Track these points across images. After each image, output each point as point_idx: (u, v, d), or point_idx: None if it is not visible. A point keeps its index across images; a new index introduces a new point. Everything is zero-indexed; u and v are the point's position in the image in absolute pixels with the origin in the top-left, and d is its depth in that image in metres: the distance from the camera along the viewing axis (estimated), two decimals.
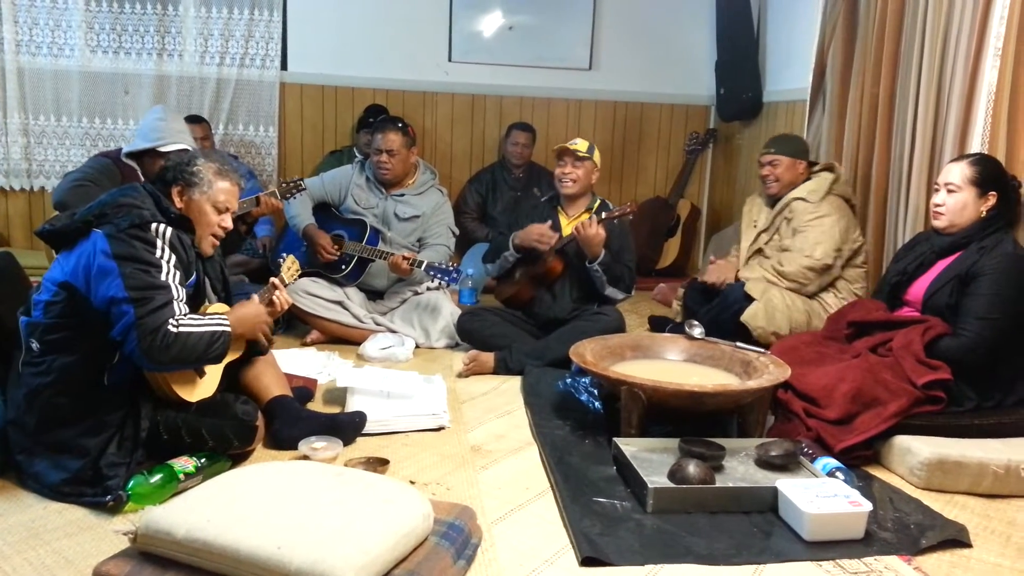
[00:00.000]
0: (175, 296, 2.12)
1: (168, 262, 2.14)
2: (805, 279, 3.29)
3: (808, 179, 3.43)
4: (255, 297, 2.47)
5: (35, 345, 2.12)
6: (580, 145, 3.42)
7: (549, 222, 3.45)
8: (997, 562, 1.95)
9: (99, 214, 2.12)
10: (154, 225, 2.13)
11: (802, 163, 3.45)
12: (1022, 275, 2.52)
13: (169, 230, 2.16)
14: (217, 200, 2.33)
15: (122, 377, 2.14)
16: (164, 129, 3.43)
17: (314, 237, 3.71)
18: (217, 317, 2.23)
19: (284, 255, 2.82)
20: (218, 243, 2.42)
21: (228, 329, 2.21)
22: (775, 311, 3.20)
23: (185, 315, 2.12)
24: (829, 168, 3.45)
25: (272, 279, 2.56)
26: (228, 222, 2.39)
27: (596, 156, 3.47)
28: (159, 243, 2.13)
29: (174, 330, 2.05)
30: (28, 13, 4.58)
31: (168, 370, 2.15)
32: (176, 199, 2.29)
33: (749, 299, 3.25)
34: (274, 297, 2.51)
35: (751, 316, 3.20)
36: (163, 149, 3.14)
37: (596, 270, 3.32)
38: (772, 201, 3.52)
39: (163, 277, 2.10)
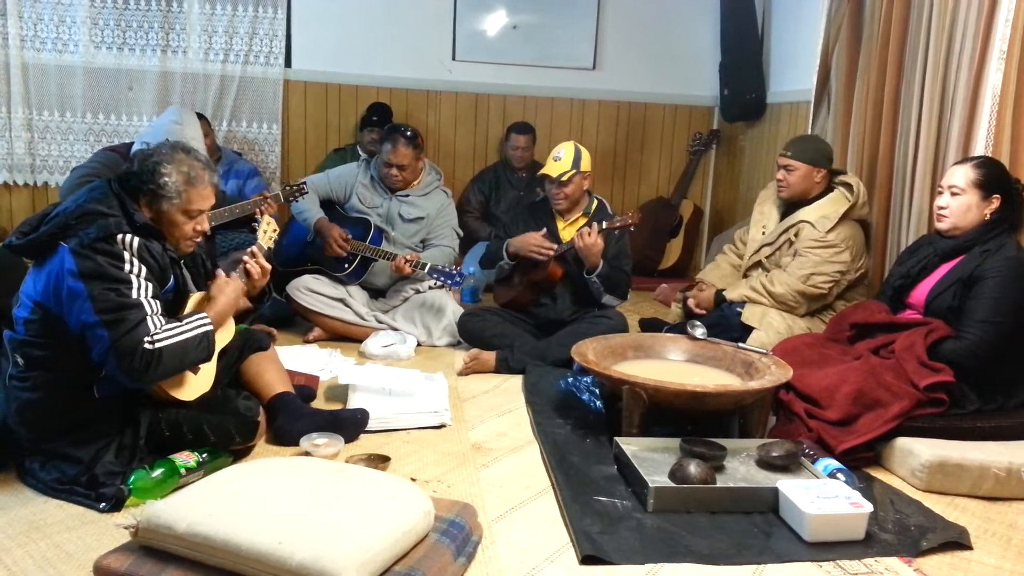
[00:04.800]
0: (149, 312, 2.03)
1: (138, 275, 2.04)
2: (795, 302, 3.20)
3: (823, 194, 3.27)
4: (221, 274, 2.35)
5: (20, 360, 2.08)
6: (563, 164, 3.34)
7: (544, 230, 3.42)
8: (998, 564, 1.95)
9: (64, 225, 2.02)
10: (120, 236, 2.03)
11: (820, 172, 3.26)
12: None
13: (136, 240, 2.05)
14: (190, 208, 2.18)
15: (113, 388, 2.09)
16: (178, 134, 3.43)
17: (326, 230, 3.70)
18: (195, 317, 2.14)
19: (259, 218, 2.69)
20: (195, 244, 2.31)
21: (209, 328, 2.14)
22: (777, 336, 3.12)
23: (160, 327, 2.03)
24: (848, 187, 3.24)
25: (250, 248, 2.45)
26: (204, 224, 2.26)
27: (584, 163, 3.39)
28: (127, 255, 2.03)
29: (151, 347, 1.99)
30: (33, 8, 4.58)
31: (159, 382, 2.10)
32: (144, 211, 2.14)
33: (746, 325, 3.20)
34: (248, 266, 2.39)
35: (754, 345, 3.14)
36: (136, 151, 3.12)
37: (594, 281, 3.32)
38: (783, 208, 3.42)
39: (134, 294, 2.01)
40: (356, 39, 5.02)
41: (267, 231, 2.62)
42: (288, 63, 4.95)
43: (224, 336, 2.37)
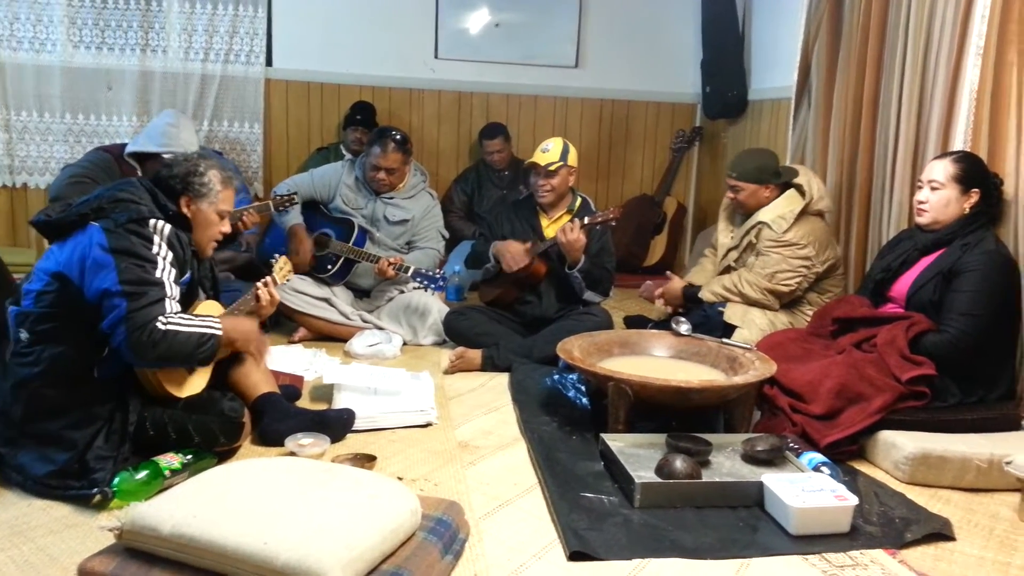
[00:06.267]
0: (168, 293, 2.11)
1: (164, 259, 2.14)
2: (766, 300, 3.21)
3: (779, 195, 3.28)
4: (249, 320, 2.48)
5: (24, 335, 2.10)
6: (551, 155, 3.37)
7: (528, 244, 3.42)
8: (980, 555, 1.97)
9: (96, 208, 2.11)
10: (152, 221, 2.14)
11: (767, 188, 3.27)
12: (1004, 272, 2.55)
13: (168, 227, 2.17)
14: (223, 208, 2.35)
15: (112, 371, 2.13)
16: (173, 136, 3.42)
17: (297, 240, 3.68)
18: (209, 319, 2.20)
19: (276, 256, 2.82)
20: (216, 246, 2.44)
21: (219, 333, 2.19)
22: (760, 333, 3.12)
23: (175, 313, 2.11)
24: (800, 188, 3.24)
25: (265, 278, 2.57)
26: (227, 226, 2.41)
27: (571, 157, 3.42)
28: (156, 239, 2.13)
29: (162, 327, 2.05)
30: (9, 7, 4.52)
31: (155, 367, 2.14)
32: (184, 208, 2.29)
33: (729, 324, 3.19)
34: (259, 292, 2.50)
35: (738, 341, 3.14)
36: (169, 157, 3.12)
37: (576, 276, 3.32)
38: (742, 216, 3.43)
39: (158, 273, 2.10)
40: (338, 38, 5.00)
41: (283, 268, 2.76)
42: (269, 62, 4.92)
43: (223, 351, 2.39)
